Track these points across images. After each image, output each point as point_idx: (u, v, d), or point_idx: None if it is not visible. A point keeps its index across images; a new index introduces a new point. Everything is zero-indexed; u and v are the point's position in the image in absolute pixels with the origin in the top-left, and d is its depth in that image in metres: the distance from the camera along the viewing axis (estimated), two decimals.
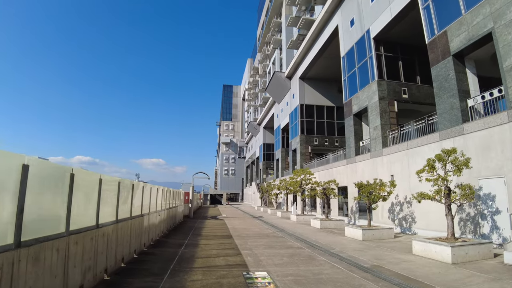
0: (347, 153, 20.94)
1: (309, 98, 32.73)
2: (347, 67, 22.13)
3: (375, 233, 12.74)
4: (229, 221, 21.13)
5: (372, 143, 18.12)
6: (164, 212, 13.06)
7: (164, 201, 13.27)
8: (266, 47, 53.42)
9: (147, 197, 9.73)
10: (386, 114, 17.84)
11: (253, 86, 69.71)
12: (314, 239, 12.62)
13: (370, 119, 18.42)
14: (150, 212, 10.02)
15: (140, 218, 8.73)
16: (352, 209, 19.59)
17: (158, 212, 11.43)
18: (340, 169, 21.51)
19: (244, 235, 13.30)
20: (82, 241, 4.82)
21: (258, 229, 16.09)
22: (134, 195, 8.11)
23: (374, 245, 11.24)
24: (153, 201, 10.67)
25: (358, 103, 20.08)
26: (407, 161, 14.96)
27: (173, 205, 16.36)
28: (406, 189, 14.82)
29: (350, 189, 19.83)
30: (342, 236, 13.70)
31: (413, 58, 20.23)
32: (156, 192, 11.06)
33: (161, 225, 12.33)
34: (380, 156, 17.04)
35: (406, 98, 18.72)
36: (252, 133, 65.67)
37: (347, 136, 21.14)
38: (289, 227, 17.29)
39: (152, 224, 10.35)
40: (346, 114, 21.56)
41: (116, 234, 6.63)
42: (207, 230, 15.44)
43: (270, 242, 11.40)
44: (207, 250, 9.50)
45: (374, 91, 18.32)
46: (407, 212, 14.73)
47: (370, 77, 18.89)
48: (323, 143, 31.86)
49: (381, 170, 16.88)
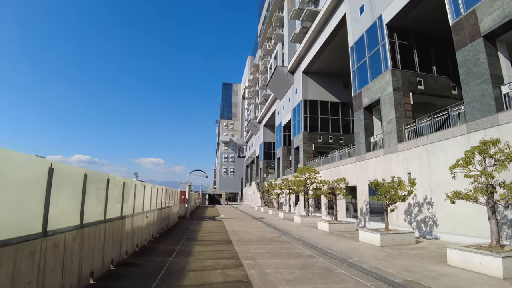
0: (356, 149, 19.37)
1: (313, 93, 31.16)
2: (356, 57, 20.58)
3: (394, 238, 11.17)
4: (228, 222, 19.54)
5: (385, 138, 16.56)
6: (154, 214, 11.46)
7: (155, 201, 11.68)
8: (267, 42, 51.86)
9: (131, 196, 8.14)
10: (401, 106, 16.29)
11: (254, 83, 68.13)
12: (325, 245, 11.04)
13: (383, 112, 16.86)
14: (134, 213, 8.43)
15: (120, 221, 7.14)
16: (362, 210, 18.02)
17: (145, 214, 9.84)
18: (348, 167, 19.94)
19: (245, 240, 11.71)
20: (11, 258, 3.23)
21: (261, 232, 14.51)
22: (111, 193, 6.52)
23: (396, 252, 9.67)
24: (139, 201, 9.09)
25: (369, 95, 18.52)
26: (427, 157, 13.40)
27: (166, 205, 14.77)
28: (426, 188, 13.27)
29: (360, 188, 18.27)
30: (355, 241, 12.14)
31: (428, 47, 18.71)
32: (143, 190, 9.47)
33: (150, 228, 10.73)
34: (395, 152, 15.48)
35: (421, 90, 17.19)
36: (252, 131, 64.07)
37: (357, 132, 19.58)
38: (294, 230, 15.71)
39: (137, 227, 8.76)
40: (355, 107, 20.00)
41: (81, 243, 5.04)
42: (203, 233, 13.85)
43: (276, 249, 9.81)
44: (202, 259, 7.90)
45: (387, 82, 16.77)
46: (427, 214, 13.17)
47: (383, 66, 17.34)
48: (327, 141, 30.29)
49: (395, 168, 15.32)
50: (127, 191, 7.81)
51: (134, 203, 8.36)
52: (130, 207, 8.07)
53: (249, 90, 72.81)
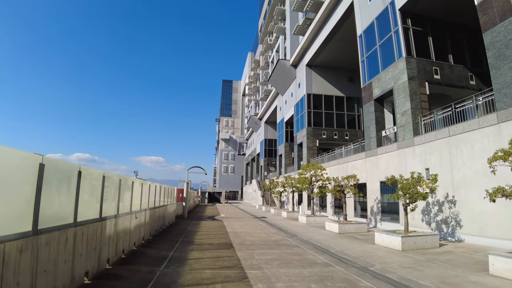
0: (366, 144, 18.09)
1: (317, 87, 29.84)
2: (366, 46, 19.26)
3: (417, 241, 9.91)
4: (229, 222, 18.28)
5: (399, 131, 15.28)
6: (146, 214, 10.19)
7: (147, 199, 10.40)
8: (269, 37, 50.48)
9: (114, 194, 6.86)
10: (417, 96, 15.00)
11: (254, 79, 66.75)
12: (338, 249, 9.78)
13: (397, 103, 15.58)
14: (119, 214, 7.15)
15: (98, 224, 5.86)
16: (373, 209, 16.76)
17: (134, 214, 8.57)
18: (357, 163, 18.66)
19: (248, 243, 10.44)
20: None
21: (264, 234, 13.24)
22: (85, 190, 5.24)
23: (422, 257, 8.41)
24: (126, 199, 7.82)
25: (380, 85, 17.22)
26: (448, 151, 12.12)
27: (161, 204, 13.50)
28: (447, 185, 12.00)
29: (370, 186, 17.01)
30: (370, 243, 10.88)
31: (444, 35, 17.38)
32: (131, 187, 8.18)
33: (141, 230, 9.46)
34: (411, 147, 14.19)
35: (438, 79, 15.89)
36: (253, 128, 62.74)
37: (366, 125, 18.28)
38: (301, 231, 14.45)
39: (123, 230, 7.48)
40: (364, 99, 18.70)
41: (33, 256, 3.76)
42: (201, 235, 12.58)
43: (284, 254, 8.54)
44: (198, 269, 6.62)
45: (401, 70, 15.48)
46: (449, 214, 11.91)
47: (396, 54, 16.04)
48: (332, 137, 29.00)
49: (411, 163, 14.04)
50: (110, 188, 6.53)
51: (119, 202, 7.08)
52: (113, 207, 6.80)
53: (249, 87, 71.44)
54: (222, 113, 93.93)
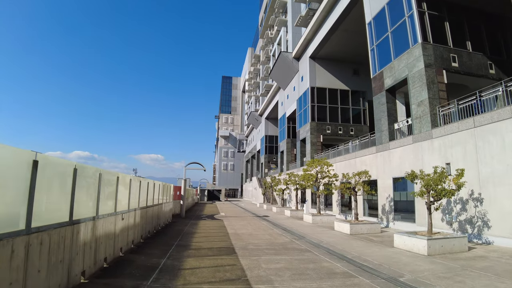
0: (377, 138, 16.87)
1: (321, 81, 28.57)
2: (376, 33, 17.99)
3: (444, 244, 8.73)
4: (229, 222, 17.08)
5: (414, 123, 14.06)
6: (136, 214, 8.97)
7: (138, 198, 9.18)
8: (269, 30, 49.09)
9: (92, 191, 5.64)
10: (434, 85, 13.78)
11: (254, 75, 65.38)
12: (355, 253, 8.59)
13: (412, 93, 14.35)
14: (99, 215, 5.94)
15: (68, 229, 4.65)
16: (384, 208, 15.58)
17: (121, 214, 7.35)
18: (367, 158, 17.46)
19: (252, 247, 9.24)
20: None
21: (269, 235, 12.04)
22: (44, 186, 4.02)
23: (455, 265, 7.23)
24: (109, 197, 6.60)
25: (392, 74, 15.98)
26: (473, 144, 10.91)
27: (155, 203, 12.28)
28: (472, 181, 10.79)
29: (382, 183, 15.82)
30: (389, 247, 9.70)
31: (461, 20, 16.13)
32: (116, 182, 6.96)
33: (129, 233, 8.24)
34: (429, 139, 12.99)
35: (456, 67, 14.66)
36: (253, 124, 61.45)
37: (377, 118, 17.05)
38: (308, 232, 13.27)
39: (105, 234, 6.27)
40: (375, 90, 17.46)
41: None
42: (199, 237, 11.37)
43: (295, 262, 7.33)
44: (194, 284, 5.41)
45: (417, 57, 14.24)
46: (475, 213, 10.72)
47: (411, 40, 14.79)
48: (336, 132, 27.78)
49: (429, 158, 12.85)
50: (85, 184, 5.31)
51: (99, 201, 5.86)
52: (90, 207, 5.58)
53: (249, 83, 70.08)
54: (221, 110, 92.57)
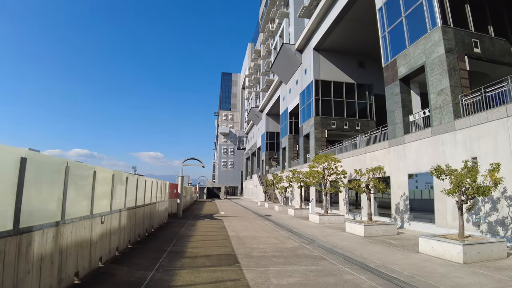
0: (390, 131, 15.60)
1: (325, 73, 27.24)
2: (387, 19, 16.67)
3: (481, 251, 7.50)
4: (230, 222, 15.84)
5: (434, 114, 12.79)
6: (122, 215, 7.70)
7: (124, 197, 7.90)
8: (271, 24, 47.67)
9: (54, 188, 4.36)
10: (456, 72, 12.50)
11: (255, 70, 63.96)
12: (378, 261, 7.34)
13: (431, 81, 13.07)
14: (67, 219, 4.66)
15: (11, 241, 3.36)
16: (399, 207, 14.34)
17: (100, 217, 6.08)
18: (378, 154, 16.20)
19: (257, 254, 7.98)
20: None
21: (275, 238, 10.78)
22: None
23: (503, 276, 6.00)
24: (83, 196, 5.33)
25: (407, 62, 14.69)
26: (506, 135, 9.65)
27: (147, 202, 11.01)
28: (507, 177, 9.53)
29: (395, 180, 14.57)
30: (414, 252, 8.46)
31: (482, 3, 14.83)
32: (92, 178, 5.68)
33: (112, 238, 6.96)
34: (451, 131, 11.72)
35: (478, 54, 13.38)
36: (254, 121, 60.11)
37: (390, 110, 15.77)
38: (317, 234, 12.02)
39: (75, 243, 5.00)
40: (387, 80, 16.17)
41: None
42: (196, 241, 10.10)
43: (312, 275, 6.06)
44: None
45: (436, 42, 12.95)
46: (508, 213, 9.48)
47: (429, 24, 13.49)
48: (342, 127, 26.49)
49: (451, 152, 11.60)
50: (41, 180, 4.03)
51: (65, 201, 4.58)
52: (52, 209, 4.30)
53: (249, 79, 68.67)
54: (221, 106, 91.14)
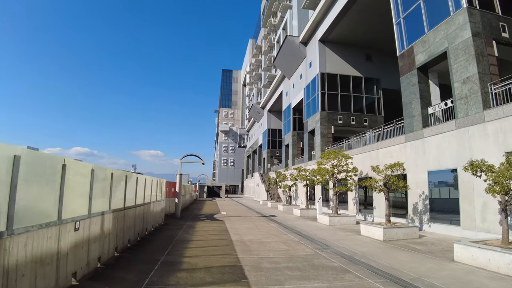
0: (406, 125, 14.36)
1: (332, 66, 25.96)
2: (402, 4, 15.40)
3: None
4: (232, 224, 14.63)
5: (458, 104, 11.54)
6: (105, 219, 6.48)
7: (108, 196, 6.68)
8: (273, 18, 46.32)
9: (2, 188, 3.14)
10: (484, 58, 11.25)
11: (256, 67, 62.62)
12: (412, 274, 6.14)
13: (455, 68, 11.82)
14: (16, 228, 3.44)
15: None
16: (416, 207, 13.13)
17: (73, 222, 4.87)
18: (392, 149, 14.97)
19: (268, 265, 6.77)
20: None
21: (284, 243, 9.57)
22: None
23: None
24: (46, 196, 4.11)
25: (426, 49, 13.43)
26: None
27: (139, 202, 9.79)
28: None
29: (413, 177, 13.35)
30: (448, 261, 7.25)
31: None
32: (60, 174, 4.45)
33: (90, 248, 5.74)
34: (480, 123, 10.49)
35: (506, 38, 12.12)
36: (255, 118, 58.84)
37: (407, 101, 14.52)
38: (330, 238, 10.81)
39: (31, 259, 3.78)
40: (402, 70, 14.92)
41: None
42: (195, 247, 8.87)
43: None
44: None
45: (461, 25, 11.69)
46: None
47: (452, 6, 12.23)
48: (349, 122, 25.24)
49: (480, 146, 10.37)
50: None
51: (12, 204, 3.36)
52: None
53: (250, 75, 67.32)
54: (221, 104, 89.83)
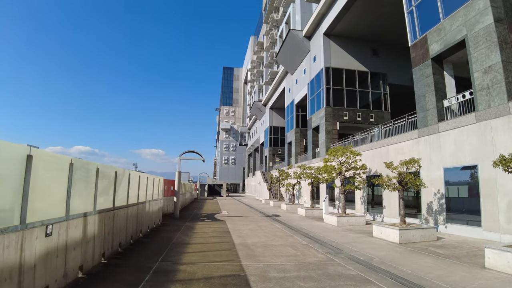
0: (420, 119, 13.49)
1: (337, 60, 25.06)
2: None
3: None
4: (234, 225, 13.82)
5: (479, 96, 10.67)
6: (89, 221, 5.66)
7: (93, 195, 5.87)
8: (275, 13, 45.38)
9: None
10: (508, 45, 10.36)
11: (257, 63, 61.71)
12: (444, 285, 5.30)
13: (474, 57, 10.93)
14: None
15: None
16: (431, 207, 12.28)
17: (45, 226, 4.06)
18: (404, 145, 14.11)
19: (275, 275, 5.95)
20: None
21: (292, 247, 8.74)
22: None
23: None
24: (5, 197, 3.27)
25: (441, 38, 12.54)
26: None
27: (133, 201, 8.98)
28: None
29: (428, 174, 12.49)
30: (478, 267, 6.41)
31: None
32: (24, 166, 3.63)
33: (70, 256, 4.92)
34: (504, 116, 9.63)
35: None
36: (256, 115, 57.96)
37: (420, 94, 13.64)
38: (341, 240, 9.98)
39: None
40: (415, 60, 14.03)
41: None
42: (194, 253, 8.04)
43: None
44: None
45: (481, 11, 10.80)
46: None
47: None
48: (355, 119, 24.36)
49: (503, 140, 9.51)
50: None
51: None
52: None
53: (252, 72, 66.41)
54: (222, 102, 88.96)
